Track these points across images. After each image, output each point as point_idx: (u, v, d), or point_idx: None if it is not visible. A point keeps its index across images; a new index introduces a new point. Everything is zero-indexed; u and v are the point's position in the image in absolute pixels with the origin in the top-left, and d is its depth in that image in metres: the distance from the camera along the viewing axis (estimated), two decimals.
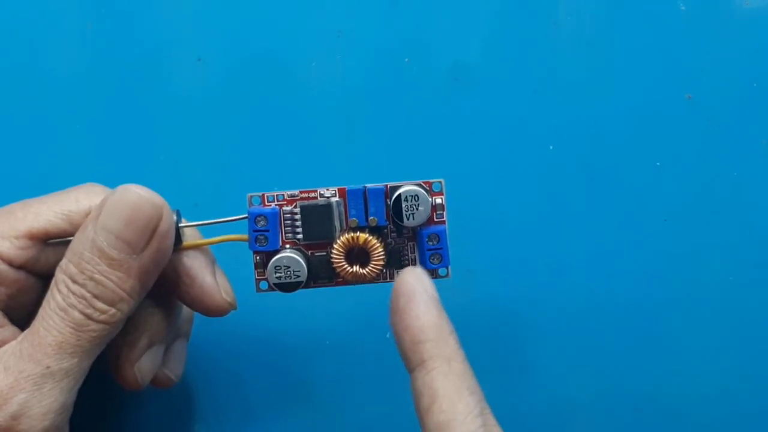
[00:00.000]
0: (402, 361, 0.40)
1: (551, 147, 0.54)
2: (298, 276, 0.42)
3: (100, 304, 0.39)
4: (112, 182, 0.44)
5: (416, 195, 0.41)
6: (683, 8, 0.54)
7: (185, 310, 0.47)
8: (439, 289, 0.43)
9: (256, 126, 0.54)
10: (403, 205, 0.41)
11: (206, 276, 0.43)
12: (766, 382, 0.52)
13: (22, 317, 0.42)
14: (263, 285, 0.43)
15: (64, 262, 0.39)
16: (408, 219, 0.41)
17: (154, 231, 0.39)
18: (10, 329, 0.41)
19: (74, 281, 0.39)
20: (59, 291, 0.39)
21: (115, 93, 0.54)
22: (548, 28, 0.55)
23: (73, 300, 0.39)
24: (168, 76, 0.54)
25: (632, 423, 0.52)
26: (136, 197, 0.39)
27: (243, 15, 0.55)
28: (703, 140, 0.53)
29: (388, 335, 0.52)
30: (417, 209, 0.41)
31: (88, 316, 0.39)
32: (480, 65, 0.55)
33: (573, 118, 0.54)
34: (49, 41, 0.54)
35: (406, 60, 0.54)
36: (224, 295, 0.43)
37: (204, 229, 0.44)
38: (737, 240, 0.53)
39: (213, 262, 0.44)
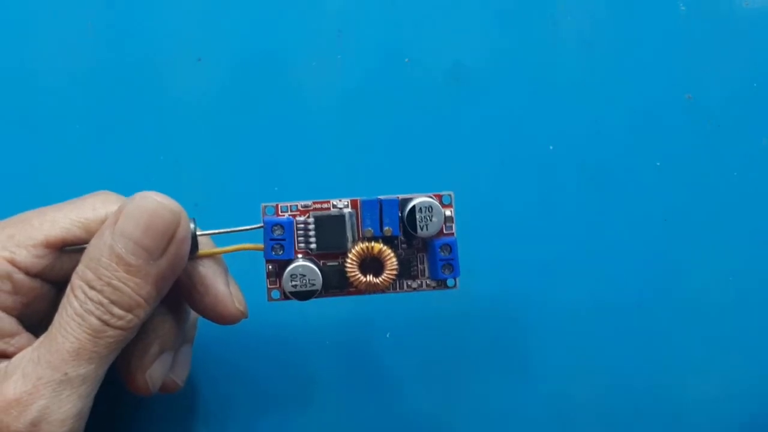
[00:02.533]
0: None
1: (551, 147, 0.54)
2: (314, 284, 0.42)
3: (117, 310, 0.39)
4: (111, 182, 0.45)
5: (430, 206, 0.42)
6: (683, 8, 0.55)
7: (191, 315, 0.47)
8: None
9: (256, 125, 0.54)
10: (417, 216, 0.42)
11: (220, 285, 0.43)
12: (767, 381, 0.53)
13: (35, 324, 0.42)
14: (275, 294, 0.43)
15: (80, 269, 0.39)
16: (422, 230, 0.42)
17: (171, 238, 0.40)
18: (25, 336, 0.41)
19: (91, 287, 0.39)
20: (76, 297, 0.39)
21: (115, 93, 0.54)
22: (548, 29, 0.55)
23: (90, 306, 0.39)
24: (168, 76, 0.54)
25: (632, 423, 0.53)
26: (155, 204, 0.39)
27: (243, 15, 0.55)
28: (703, 140, 0.54)
29: (388, 335, 0.52)
30: (431, 220, 0.42)
31: (106, 322, 0.39)
32: (480, 65, 0.55)
33: (573, 118, 0.54)
34: (49, 41, 0.54)
35: (406, 60, 0.55)
36: (237, 305, 0.43)
37: (216, 238, 0.44)
38: (737, 240, 0.53)
39: (226, 271, 0.44)
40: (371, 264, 0.42)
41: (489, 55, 0.55)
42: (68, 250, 0.42)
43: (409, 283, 0.43)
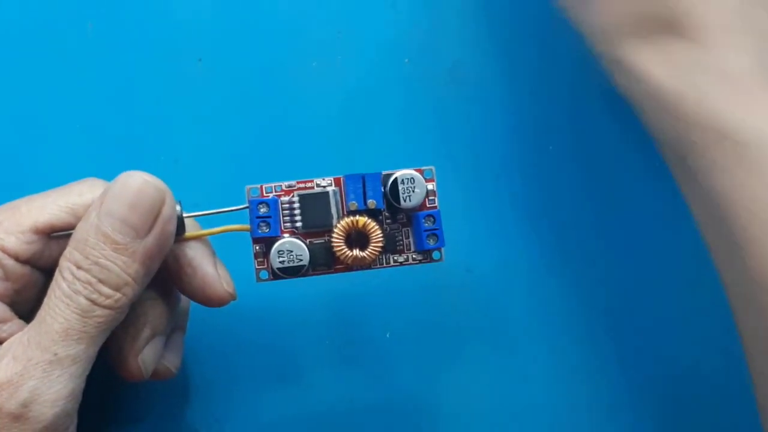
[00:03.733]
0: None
1: (551, 147, 0.54)
2: (301, 259, 0.42)
3: (105, 289, 0.39)
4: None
5: (412, 178, 0.42)
6: None
7: (182, 302, 0.48)
8: (438, 284, 0.43)
9: (256, 126, 0.54)
10: (400, 188, 0.42)
11: (208, 267, 0.43)
12: None
13: (26, 311, 0.43)
14: (263, 274, 0.43)
15: (68, 250, 0.40)
16: (405, 201, 0.42)
17: (157, 215, 0.40)
18: (17, 323, 0.41)
19: (79, 267, 0.39)
20: (64, 278, 0.39)
21: (115, 93, 0.54)
22: (548, 29, 0.55)
23: (78, 286, 0.39)
24: (168, 77, 0.54)
25: (631, 422, 0.52)
26: (140, 181, 0.40)
27: (243, 15, 0.55)
28: None
29: (388, 335, 0.52)
30: (413, 191, 0.42)
31: (94, 302, 0.39)
32: (480, 65, 0.55)
33: (573, 118, 0.54)
34: (50, 41, 0.54)
35: (406, 60, 0.55)
36: (225, 286, 0.44)
37: (203, 220, 0.45)
38: None
39: (213, 253, 0.44)
40: (357, 239, 0.43)
41: (489, 55, 0.55)
42: (56, 236, 0.42)
43: (395, 258, 0.44)
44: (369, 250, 0.42)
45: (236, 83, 0.54)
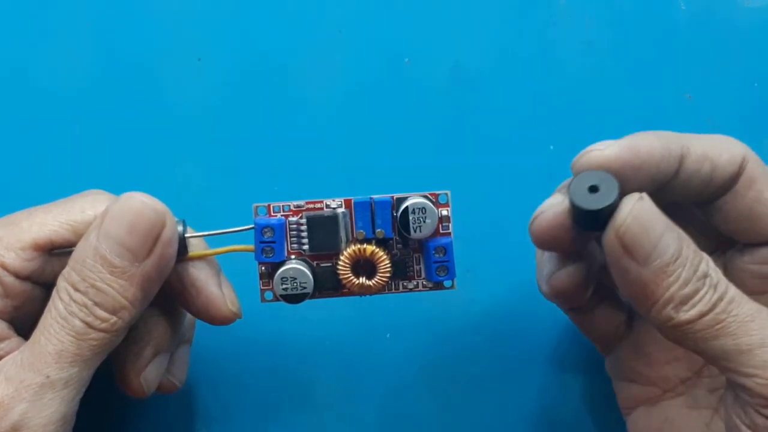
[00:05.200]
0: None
1: (551, 147, 0.54)
2: (305, 288, 0.42)
3: (101, 312, 0.38)
4: (110, 183, 0.45)
5: (423, 207, 0.41)
6: (683, 8, 0.55)
7: (188, 315, 0.47)
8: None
9: (256, 126, 0.54)
10: (411, 218, 0.41)
11: (212, 287, 0.43)
12: None
13: (27, 328, 0.42)
14: (268, 295, 0.43)
15: (66, 270, 0.39)
16: (415, 231, 0.41)
17: (156, 238, 0.39)
18: (15, 341, 0.41)
19: (76, 289, 0.38)
20: (61, 299, 0.39)
21: (115, 92, 0.54)
22: (548, 29, 0.55)
23: (74, 308, 0.38)
24: (168, 76, 0.54)
25: None
26: (139, 204, 0.39)
27: (243, 15, 0.55)
28: None
29: (388, 335, 0.52)
30: (424, 221, 0.41)
31: (89, 325, 0.38)
32: (480, 66, 0.55)
33: (573, 118, 0.54)
34: (49, 41, 0.54)
35: (406, 60, 0.54)
36: (230, 306, 0.43)
37: (209, 239, 0.44)
38: None
39: (219, 272, 0.44)
40: (365, 265, 0.42)
41: (489, 55, 0.55)
42: (57, 253, 0.42)
43: (405, 284, 0.43)
44: (376, 279, 0.41)
45: (236, 83, 0.54)
